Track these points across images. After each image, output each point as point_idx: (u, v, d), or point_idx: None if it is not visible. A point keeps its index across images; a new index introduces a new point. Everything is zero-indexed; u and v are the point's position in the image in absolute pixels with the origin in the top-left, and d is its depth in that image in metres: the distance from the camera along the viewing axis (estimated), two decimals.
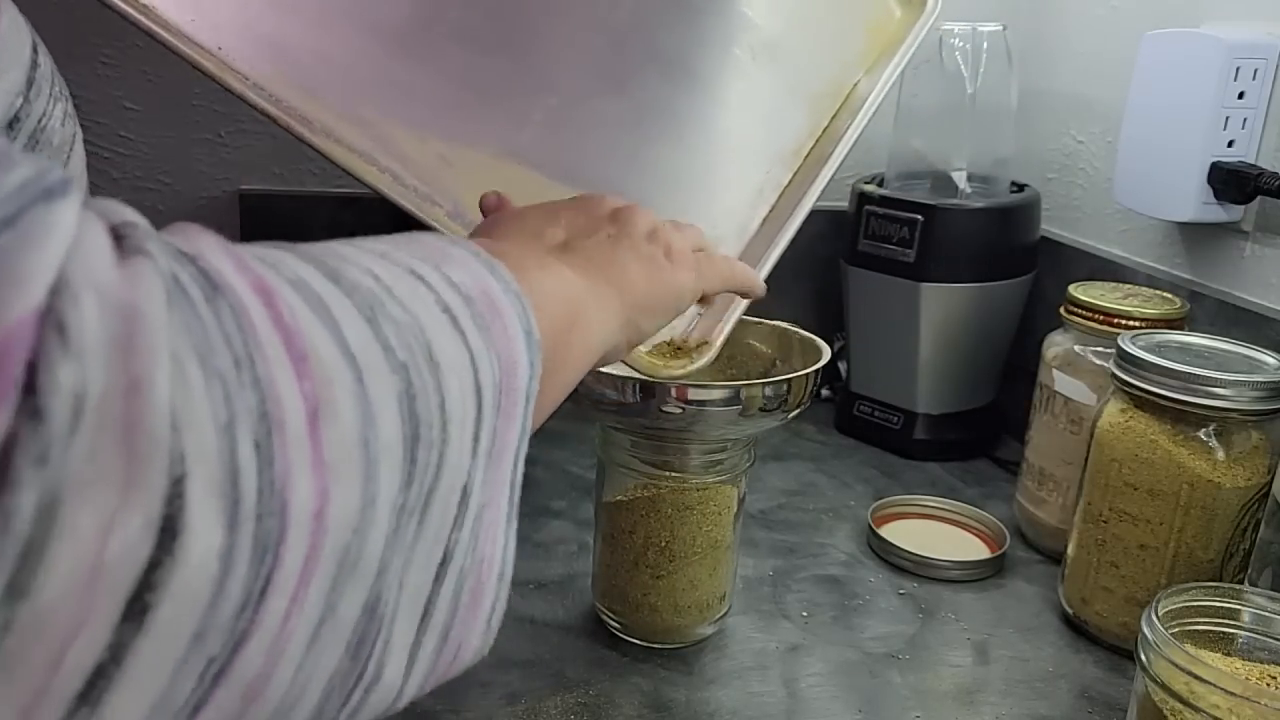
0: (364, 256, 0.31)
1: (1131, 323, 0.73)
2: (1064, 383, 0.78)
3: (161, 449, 0.21)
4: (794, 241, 0.63)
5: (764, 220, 0.66)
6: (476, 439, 0.32)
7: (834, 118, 0.68)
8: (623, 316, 0.45)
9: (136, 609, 0.21)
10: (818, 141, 0.68)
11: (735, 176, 0.66)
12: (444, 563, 0.32)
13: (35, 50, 0.46)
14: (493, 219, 0.50)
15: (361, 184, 0.56)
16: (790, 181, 0.67)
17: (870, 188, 0.95)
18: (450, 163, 0.58)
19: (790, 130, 0.68)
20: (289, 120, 0.54)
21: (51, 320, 0.20)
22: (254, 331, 0.24)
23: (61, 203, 0.21)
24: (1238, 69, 0.75)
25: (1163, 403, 0.64)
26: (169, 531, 0.21)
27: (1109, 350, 0.70)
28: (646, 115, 0.64)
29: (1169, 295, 0.78)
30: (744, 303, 0.59)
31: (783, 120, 0.68)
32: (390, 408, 0.27)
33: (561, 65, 0.62)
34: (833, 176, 0.65)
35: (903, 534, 0.80)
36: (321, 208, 0.95)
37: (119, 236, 0.23)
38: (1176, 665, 0.50)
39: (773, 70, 0.68)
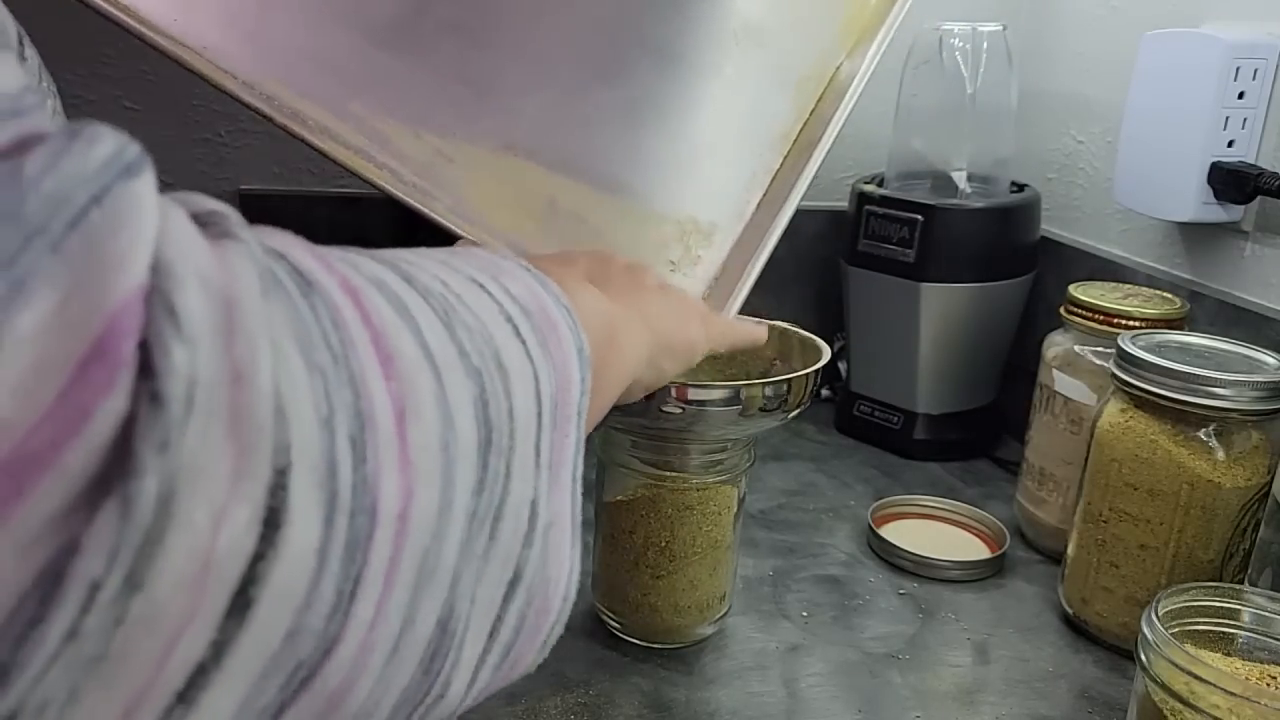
0: (428, 264, 0.31)
1: (1131, 323, 0.73)
2: (1064, 383, 0.78)
3: (267, 439, 0.21)
4: (794, 241, 0.63)
5: (758, 205, 0.65)
6: (538, 451, 0.32)
7: (819, 102, 0.68)
8: (649, 348, 0.45)
9: (240, 604, 0.21)
10: (805, 126, 0.68)
11: (728, 163, 0.66)
12: (514, 581, 0.31)
13: (21, 43, 0.46)
14: None
15: (362, 181, 0.56)
16: (781, 166, 0.67)
17: (870, 188, 0.95)
18: (448, 157, 0.58)
19: (778, 115, 0.67)
20: (284, 119, 0.53)
21: (160, 301, 0.20)
22: (347, 329, 0.24)
23: (139, 180, 0.21)
24: (1238, 69, 0.75)
25: (1163, 403, 0.64)
26: (272, 524, 0.21)
27: (1109, 350, 0.70)
28: (639, 104, 0.64)
29: (1169, 295, 0.78)
30: (739, 302, 0.60)
31: (770, 105, 0.67)
32: (466, 411, 0.27)
33: (553, 56, 0.61)
34: (823, 161, 0.65)
35: (903, 534, 0.80)
36: (321, 207, 0.95)
37: (203, 223, 0.23)
38: (1176, 665, 0.50)
39: (757, 55, 0.67)
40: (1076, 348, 0.77)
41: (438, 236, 0.92)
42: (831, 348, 0.65)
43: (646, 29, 0.64)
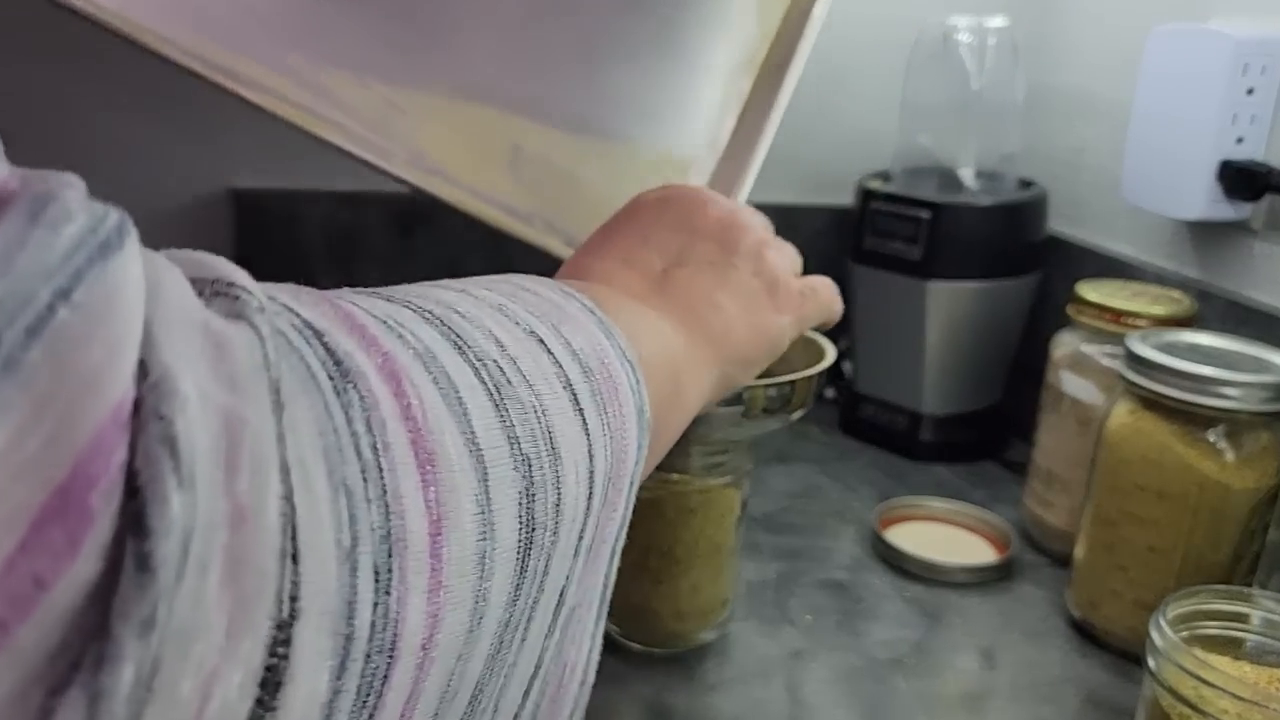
0: (484, 312, 0.27)
1: (1140, 321, 0.72)
2: (1072, 383, 0.77)
3: (269, 588, 0.17)
4: (796, 239, 0.62)
5: (732, 134, 0.63)
6: (580, 536, 0.29)
7: (784, 21, 0.65)
8: (717, 373, 0.42)
9: None
10: (772, 47, 0.64)
11: (694, 89, 0.62)
12: (534, 675, 0.28)
13: None
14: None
15: (316, 140, 0.52)
16: (751, 91, 0.63)
17: (876, 184, 0.94)
18: (400, 108, 0.54)
19: (742, 37, 0.64)
20: (220, 78, 0.48)
21: (155, 428, 0.16)
22: (384, 430, 0.21)
23: (119, 257, 0.16)
24: (1246, 65, 0.74)
25: (1171, 404, 0.63)
26: (270, 685, 0.18)
27: (1117, 350, 0.69)
28: (596, 36, 0.60)
29: (1177, 294, 0.77)
30: None
31: (733, 27, 0.64)
32: (510, 513, 0.24)
33: None
34: (796, 85, 0.62)
35: (908, 537, 0.79)
36: (318, 206, 0.94)
37: (211, 295, 0.19)
38: (1185, 670, 0.49)
39: None
40: (1084, 347, 0.76)
41: (436, 235, 0.91)
42: (836, 347, 0.64)
43: None
